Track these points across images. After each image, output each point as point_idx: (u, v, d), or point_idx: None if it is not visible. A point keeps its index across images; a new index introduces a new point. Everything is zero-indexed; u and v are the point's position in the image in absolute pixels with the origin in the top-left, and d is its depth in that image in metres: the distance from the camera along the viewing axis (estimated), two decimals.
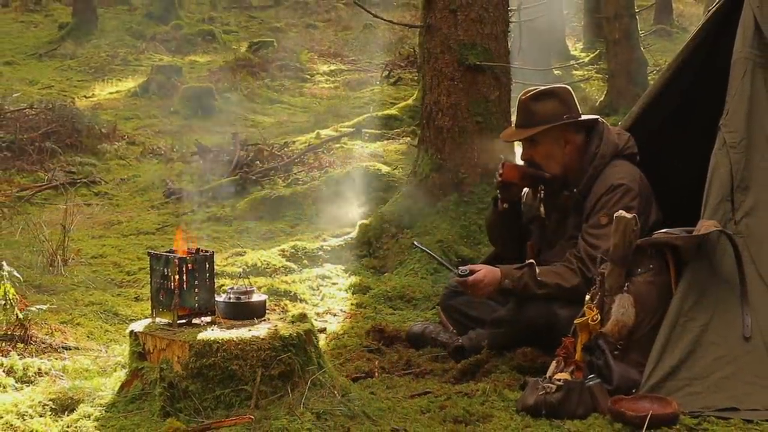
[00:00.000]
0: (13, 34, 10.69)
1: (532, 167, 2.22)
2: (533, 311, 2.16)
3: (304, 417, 1.70)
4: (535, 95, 2.22)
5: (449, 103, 3.23)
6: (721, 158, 2.04)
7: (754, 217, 2.00)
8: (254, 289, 1.92)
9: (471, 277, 2.16)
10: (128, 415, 1.77)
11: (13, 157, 5.05)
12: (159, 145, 5.65)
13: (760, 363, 1.88)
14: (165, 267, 1.85)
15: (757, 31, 2.11)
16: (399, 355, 2.33)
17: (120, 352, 2.28)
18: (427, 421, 1.84)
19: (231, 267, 3.15)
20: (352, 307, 2.84)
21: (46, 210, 4.26)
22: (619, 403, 1.80)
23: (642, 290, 1.95)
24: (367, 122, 5.83)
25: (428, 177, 3.26)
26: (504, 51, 3.29)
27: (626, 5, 6.18)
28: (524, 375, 2.08)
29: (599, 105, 5.98)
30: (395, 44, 9.08)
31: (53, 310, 2.60)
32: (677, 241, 1.96)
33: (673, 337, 1.89)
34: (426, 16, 3.30)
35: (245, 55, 8.97)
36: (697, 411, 1.82)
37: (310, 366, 1.79)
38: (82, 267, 3.29)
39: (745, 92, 2.07)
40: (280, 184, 4.58)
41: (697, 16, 9.72)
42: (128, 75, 8.26)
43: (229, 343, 1.73)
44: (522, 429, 1.79)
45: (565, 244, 2.22)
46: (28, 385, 2.02)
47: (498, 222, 2.34)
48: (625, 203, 2.11)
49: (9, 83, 7.58)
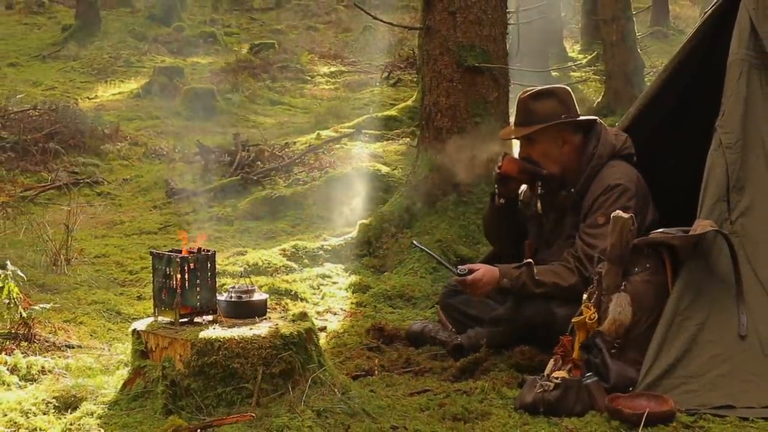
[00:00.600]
0: (17, 35, 10.73)
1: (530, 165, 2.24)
2: (531, 310, 2.17)
3: (305, 415, 1.71)
4: (535, 94, 2.24)
5: (448, 104, 3.25)
6: (717, 159, 2.05)
7: (749, 217, 2.02)
8: (255, 288, 1.94)
9: (470, 277, 2.18)
10: (131, 413, 1.78)
11: (16, 157, 5.08)
12: (161, 146, 5.67)
13: (756, 361, 1.89)
14: (167, 266, 1.87)
15: (753, 33, 2.12)
16: (398, 354, 2.35)
17: (122, 351, 2.30)
18: (426, 418, 1.85)
19: (232, 266, 3.16)
20: (352, 306, 2.85)
21: (50, 210, 4.29)
22: (616, 401, 1.81)
23: (639, 289, 1.97)
24: (367, 123, 5.85)
25: (427, 177, 3.28)
26: (502, 53, 3.31)
27: (623, 8, 6.20)
28: (522, 373, 2.10)
29: (596, 106, 5.99)
30: (395, 46, 9.10)
31: (56, 308, 2.61)
32: (674, 240, 1.97)
33: (669, 335, 1.90)
34: (425, 18, 3.32)
35: (246, 56, 9.00)
36: (693, 409, 1.83)
37: (311, 364, 1.81)
38: (85, 266, 3.31)
39: (741, 93, 2.09)
40: (280, 184, 4.61)
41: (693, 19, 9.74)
42: (131, 76, 8.28)
43: (231, 342, 1.75)
44: (520, 426, 1.80)
45: (562, 244, 2.24)
46: (32, 383, 2.04)
47: (495, 218, 2.35)
48: (622, 203, 2.12)
49: (13, 84, 7.60)
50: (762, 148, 2.09)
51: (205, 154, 5.10)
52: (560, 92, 2.26)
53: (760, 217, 2.03)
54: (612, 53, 6.23)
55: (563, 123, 2.22)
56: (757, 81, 2.11)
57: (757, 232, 2.02)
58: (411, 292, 2.91)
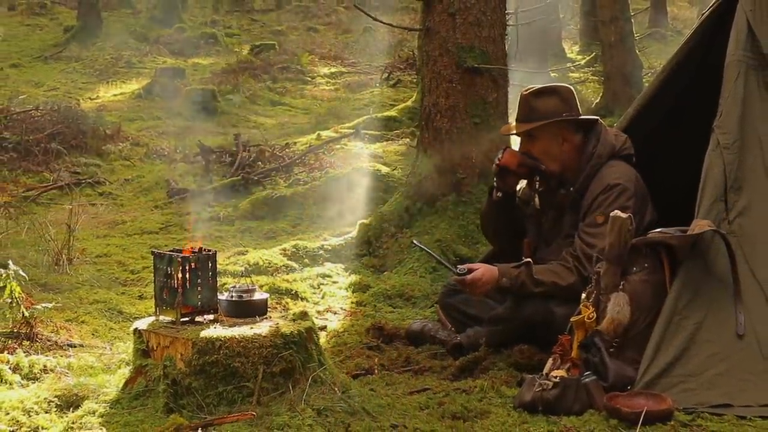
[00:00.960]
0: (19, 37, 10.76)
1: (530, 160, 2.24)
2: (530, 309, 2.18)
3: (305, 413, 1.72)
4: (537, 91, 2.25)
5: (448, 105, 3.26)
6: (714, 159, 2.06)
7: (746, 217, 2.03)
8: (256, 288, 1.95)
9: (469, 276, 2.19)
10: (132, 412, 1.79)
11: (19, 157, 5.09)
12: (162, 146, 5.69)
13: (753, 360, 1.90)
14: (168, 266, 1.88)
15: (750, 34, 2.13)
16: (398, 353, 2.35)
17: (124, 350, 2.31)
18: (425, 417, 1.86)
19: (233, 266, 3.17)
20: (353, 306, 2.86)
21: (52, 210, 4.30)
22: (614, 400, 1.82)
23: (637, 289, 1.98)
24: (366, 123, 5.86)
25: (427, 177, 3.29)
26: (501, 54, 3.32)
27: (622, 9, 6.20)
28: (521, 372, 2.10)
29: (595, 107, 6.00)
30: (395, 47, 9.11)
31: (58, 308, 2.62)
32: (672, 240, 1.98)
33: (667, 334, 1.91)
34: (425, 20, 3.33)
35: (247, 57, 9.02)
36: (691, 407, 1.84)
37: (311, 363, 1.82)
38: (86, 266, 3.32)
39: (738, 94, 2.10)
40: (281, 184, 4.62)
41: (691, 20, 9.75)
42: (132, 77, 8.30)
43: (232, 341, 1.76)
44: (519, 425, 1.81)
45: (561, 243, 2.25)
46: (34, 382, 2.05)
47: (492, 213, 2.35)
48: (621, 203, 2.13)
49: (15, 85, 7.63)
50: (759, 148, 2.09)
51: (206, 155, 5.12)
52: (563, 90, 2.27)
53: (757, 217, 2.04)
54: (610, 54, 6.24)
55: (564, 121, 2.23)
56: (755, 82, 2.12)
57: (754, 231, 2.02)
58: (411, 292, 2.92)
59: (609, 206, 2.11)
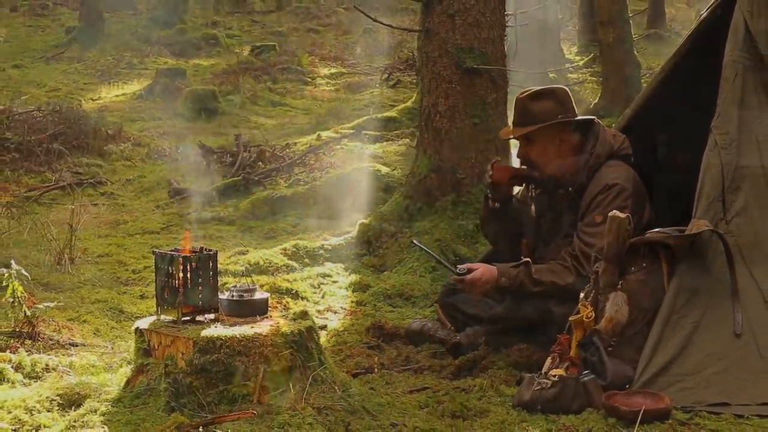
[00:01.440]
0: (21, 37, 10.78)
1: (527, 165, 2.26)
2: (529, 309, 2.19)
3: (306, 412, 1.73)
4: (533, 94, 2.26)
5: (447, 106, 3.27)
6: (712, 159, 2.07)
7: (744, 217, 2.03)
8: (257, 287, 1.96)
9: (469, 276, 2.20)
10: (134, 410, 1.80)
11: (21, 158, 5.11)
12: (164, 147, 5.70)
13: (751, 359, 1.91)
14: (170, 265, 1.89)
15: (748, 35, 2.14)
16: (398, 352, 2.37)
17: (126, 349, 2.32)
18: (425, 415, 1.87)
19: (234, 265, 3.18)
20: (353, 305, 2.87)
21: (54, 210, 4.31)
22: (612, 399, 1.83)
23: (635, 288, 1.98)
24: (366, 124, 5.87)
25: (426, 177, 3.30)
26: (501, 54, 3.33)
27: (620, 10, 6.21)
28: (520, 371, 2.12)
29: (594, 107, 6.01)
30: (394, 48, 9.12)
31: (60, 307, 2.63)
32: (670, 240, 1.99)
33: (665, 334, 1.92)
34: (424, 21, 3.34)
35: (248, 58, 9.04)
36: (688, 406, 1.85)
37: (311, 362, 1.83)
38: (88, 265, 3.33)
39: (736, 95, 2.11)
40: (281, 184, 4.63)
41: (689, 21, 9.72)
42: (133, 78, 8.33)
43: (232, 340, 1.77)
44: (518, 424, 1.82)
45: (560, 242, 2.26)
46: (36, 381, 2.06)
47: (490, 218, 2.37)
48: (619, 203, 2.14)
49: (17, 86, 7.64)
50: (757, 148, 2.10)
51: (207, 155, 5.14)
52: (558, 92, 2.28)
53: (754, 217, 2.05)
54: (609, 55, 6.25)
55: (561, 123, 2.24)
56: (752, 82, 2.13)
57: (751, 231, 2.03)
58: (410, 291, 2.93)
59: (607, 206, 2.13)
